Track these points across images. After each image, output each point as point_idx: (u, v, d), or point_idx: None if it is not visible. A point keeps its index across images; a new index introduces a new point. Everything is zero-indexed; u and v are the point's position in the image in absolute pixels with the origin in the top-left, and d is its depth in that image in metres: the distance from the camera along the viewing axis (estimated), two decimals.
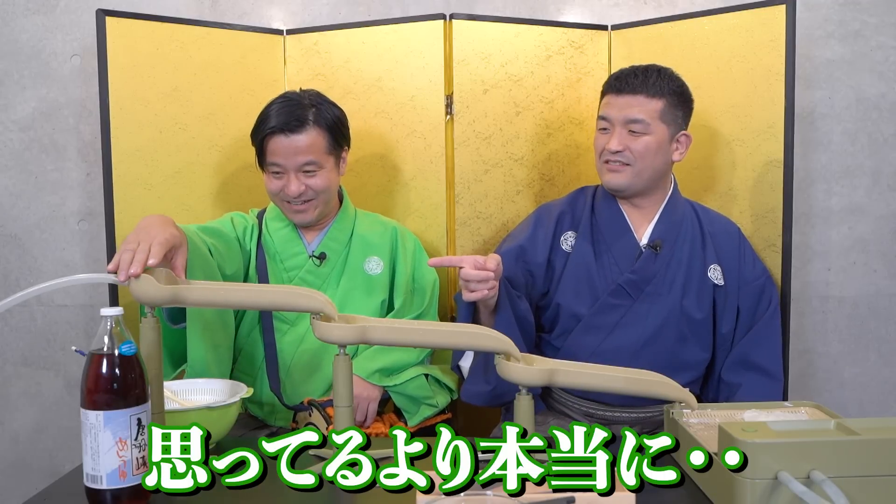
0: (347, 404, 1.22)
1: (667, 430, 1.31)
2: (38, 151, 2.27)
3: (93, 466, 1.05)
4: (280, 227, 1.77)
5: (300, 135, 1.66)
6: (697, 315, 1.69)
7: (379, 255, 1.78)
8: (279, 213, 1.77)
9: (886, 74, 2.20)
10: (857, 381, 2.29)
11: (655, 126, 1.66)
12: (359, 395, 1.63)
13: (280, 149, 1.66)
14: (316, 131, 1.67)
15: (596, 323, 1.68)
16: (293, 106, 1.67)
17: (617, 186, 1.70)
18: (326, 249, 1.75)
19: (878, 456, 1.00)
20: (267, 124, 1.66)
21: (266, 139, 1.67)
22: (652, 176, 1.69)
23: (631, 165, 1.67)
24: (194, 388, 1.43)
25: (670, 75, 1.69)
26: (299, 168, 1.67)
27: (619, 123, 1.67)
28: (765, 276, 1.76)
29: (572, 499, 1.00)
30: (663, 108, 1.66)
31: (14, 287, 2.29)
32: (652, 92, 1.66)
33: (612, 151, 1.67)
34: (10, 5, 2.24)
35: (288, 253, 1.75)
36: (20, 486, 2.33)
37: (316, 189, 1.69)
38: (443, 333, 1.23)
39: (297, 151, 1.65)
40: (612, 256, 1.71)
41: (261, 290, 1.26)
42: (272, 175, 1.69)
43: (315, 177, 1.68)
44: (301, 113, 1.67)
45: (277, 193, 1.70)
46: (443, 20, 1.99)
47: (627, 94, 1.66)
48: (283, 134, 1.65)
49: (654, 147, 1.67)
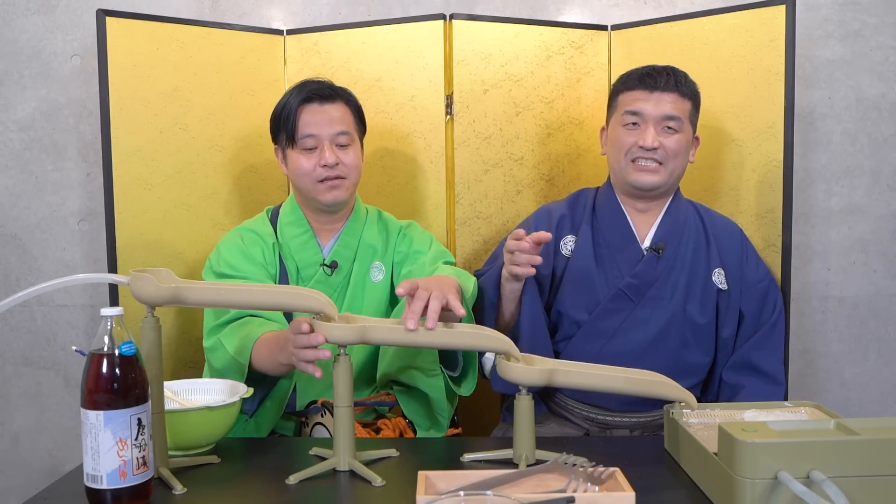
0: (347, 404, 1.22)
1: (666, 430, 1.31)
2: (39, 151, 2.27)
3: (93, 466, 1.05)
4: (298, 233, 1.71)
5: (334, 104, 1.66)
6: (700, 320, 1.67)
7: (382, 260, 1.75)
8: (297, 217, 1.72)
9: (886, 74, 2.20)
10: (857, 381, 2.29)
11: (686, 125, 1.67)
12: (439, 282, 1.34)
13: (315, 118, 1.64)
14: (344, 105, 1.69)
15: (597, 328, 1.67)
16: (317, 81, 1.69)
17: (651, 185, 1.66)
18: (338, 257, 1.71)
19: (878, 456, 1.00)
20: (299, 96, 1.65)
21: (300, 110, 1.65)
22: (678, 177, 1.70)
23: (663, 164, 1.66)
24: (194, 388, 1.43)
25: (690, 78, 1.71)
26: (333, 138, 1.65)
27: (652, 120, 1.65)
28: (768, 279, 1.74)
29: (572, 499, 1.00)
30: (691, 109, 1.68)
31: (14, 287, 2.29)
32: (683, 91, 1.66)
33: (648, 148, 1.64)
34: (10, 5, 2.24)
35: (305, 261, 1.70)
36: (20, 486, 2.33)
37: (349, 165, 1.66)
38: (443, 334, 1.23)
39: (332, 120, 1.65)
40: (613, 260, 1.69)
41: (261, 291, 1.26)
42: (304, 152, 1.65)
43: (348, 151, 1.66)
44: (328, 84, 1.69)
45: (311, 172, 1.65)
46: (443, 20, 1.99)
47: (662, 91, 1.65)
48: (317, 102, 1.65)
49: (685, 146, 1.68)
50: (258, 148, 2.07)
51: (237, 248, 1.69)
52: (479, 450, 1.28)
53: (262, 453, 1.33)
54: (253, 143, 2.07)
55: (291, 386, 1.63)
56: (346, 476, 1.20)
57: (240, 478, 1.23)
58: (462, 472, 1.13)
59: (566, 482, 1.10)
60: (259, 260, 1.68)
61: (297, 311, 1.29)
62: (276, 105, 1.70)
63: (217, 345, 1.58)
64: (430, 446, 1.42)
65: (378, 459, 1.27)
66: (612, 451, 1.29)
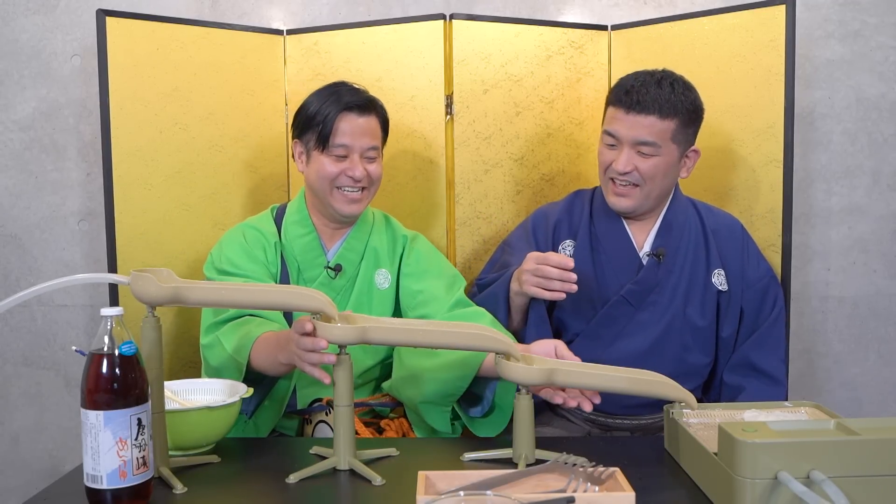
0: (348, 404, 1.22)
1: (666, 430, 1.31)
2: (39, 151, 2.27)
3: (93, 466, 1.05)
4: (302, 233, 1.69)
5: (370, 117, 1.65)
6: (701, 322, 1.66)
7: (387, 267, 1.73)
8: (302, 216, 1.70)
9: (886, 74, 2.20)
10: (857, 381, 2.29)
11: (666, 147, 1.59)
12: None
13: (352, 129, 1.62)
14: (376, 118, 1.67)
15: (598, 334, 1.66)
16: (355, 89, 1.67)
17: (624, 209, 1.65)
18: (343, 261, 1.69)
19: (878, 456, 1.00)
20: (341, 102, 1.63)
21: (339, 118, 1.62)
22: (659, 196, 1.65)
23: (640, 187, 1.61)
24: (194, 388, 1.43)
25: (685, 88, 1.61)
26: (364, 151, 1.64)
27: (627, 143, 1.59)
28: (769, 277, 1.72)
29: (572, 499, 1.00)
30: (675, 128, 1.59)
31: (14, 287, 2.29)
32: (665, 112, 1.56)
33: (620, 172, 1.60)
34: (10, 5, 2.24)
35: (308, 263, 1.69)
36: (20, 486, 2.33)
37: (373, 177, 1.66)
38: (443, 334, 1.23)
39: (365, 133, 1.64)
40: (612, 268, 1.68)
41: (261, 290, 1.26)
42: (333, 158, 1.63)
43: (374, 164, 1.66)
44: (367, 96, 1.67)
45: (335, 178, 1.63)
46: (443, 20, 1.99)
47: (638, 114, 1.57)
48: (357, 113, 1.63)
49: (664, 168, 1.60)
50: (258, 148, 2.07)
51: (240, 245, 1.68)
52: (478, 450, 1.28)
53: (262, 453, 1.33)
54: (253, 143, 2.07)
55: (291, 386, 1.62)
56: (346, 475, 1.20)
57: (240, 477, 1.23)
58: (462, 472, 1.13)
59: (566, 482, 1.10)
60: (261, 258, 1.67)
61: (298, 310, 1.29)
62: (307, 103, 1.67)
63: (215, 342, 1.57)
64: (430, 446, 1.42)
65: (378, 459, 1.27)
66: (612, 452, 1.29)
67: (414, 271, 1.72)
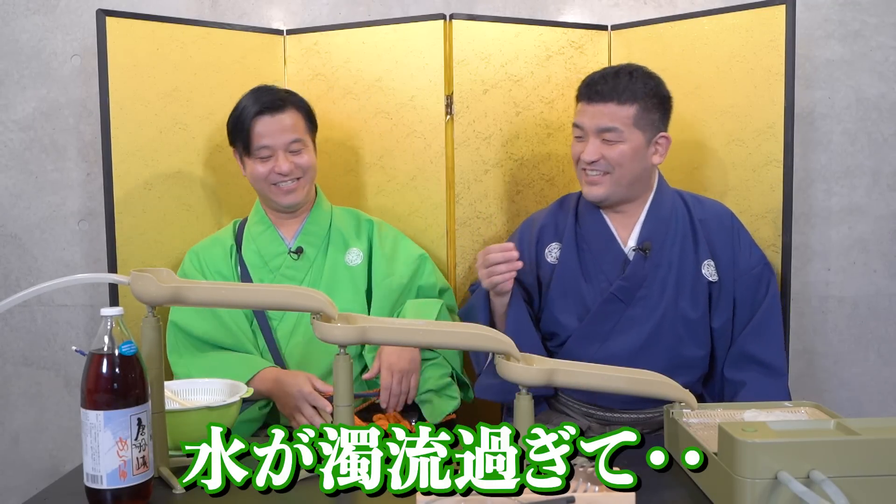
0: (347, 403, 1.22)
1: (666, 430, 1.31)
2: (39, 151, 2.27)
3: (93, 466, 1.05)
4: (262, 229, 1.80)
5: (284, 114, 1.73)
6: (693, 315, 1.66)
7: (358, 246, 1.81)
8: (260, 216, 1.81)
9: (886, 74, 2.20)
10: (857, 381, 2.29)
11: (629, 133, 1.62)
12: (401, 368, 1.63)
13: (268, 129, 1.72)
14: (294, 111, 1.75)
15: (590, 332, 1.66)
16: (268, 90, 1.76)
17: (597, 198, 1.67)
18: (304, 244, 1.79)
19: (878, 456, 1.00)
20: (251, 109, 1.72)
21: (253, 123, 1.72)
22: (632, 182, 1.66)
23: (609, 174, 1.64)
24: (194, 388, 1.44)
25: (644, 76, 1.65)
26: (287, 146, 1.73)
27: (591, 132, 1.64)
28: (762, 265, 1.71)
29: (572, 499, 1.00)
30: (636, 113, 1.62)
31: (14, 287, 2.29)
32: (623, 98, 1.61)
33: (588, 161, 1.65)
34: (10, 5, 2.24)
35: (271, 253, 1.79)
36: (20, 486, 2.33)
37: (303, 167, 1.75)
38: (443, 334, 1.23)
39: (284, 129, 1.72)
40: (598, 265, 1.69)
41: (261, 291, 1.26)
42: (259, 160, 1.73)
43: (301, 155, 1.75)
44: (278, 94, 1.76)
45: (266, 177, 1.73)
46: (443, 20, 1.99)
47: (598, 103, 1.63)
48: (268, 114, 1.72)
49: (630, 154, 1.63)
50: None
51: (196, 271, 1.79)
52: None
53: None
54: None
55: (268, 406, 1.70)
56: None
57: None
58: None
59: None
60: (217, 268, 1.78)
61: (298, 310, 1.30)
62: (233, 111, 1.76)
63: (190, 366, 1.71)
64: None
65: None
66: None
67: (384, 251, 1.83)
